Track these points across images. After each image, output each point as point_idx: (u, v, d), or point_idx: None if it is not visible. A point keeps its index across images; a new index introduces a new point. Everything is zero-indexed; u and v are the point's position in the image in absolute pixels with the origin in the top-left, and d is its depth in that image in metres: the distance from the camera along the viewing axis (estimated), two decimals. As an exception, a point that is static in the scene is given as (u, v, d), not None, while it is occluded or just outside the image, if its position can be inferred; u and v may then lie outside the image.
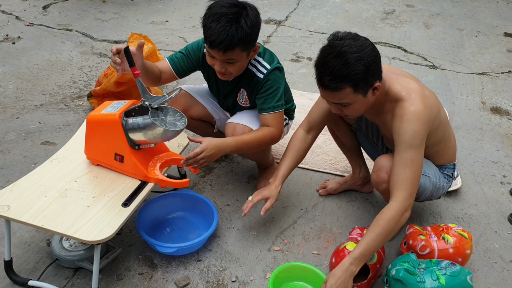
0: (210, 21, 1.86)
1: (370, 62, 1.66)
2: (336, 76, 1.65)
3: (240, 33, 1.84)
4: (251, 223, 2.22)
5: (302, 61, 3.90)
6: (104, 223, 1.68)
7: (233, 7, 1.87)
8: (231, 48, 1.86)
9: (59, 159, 1.99)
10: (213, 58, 1.94)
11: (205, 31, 1.89)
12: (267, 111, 2.08)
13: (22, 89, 3.17)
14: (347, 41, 1.68)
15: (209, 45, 1.88)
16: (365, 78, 1.67)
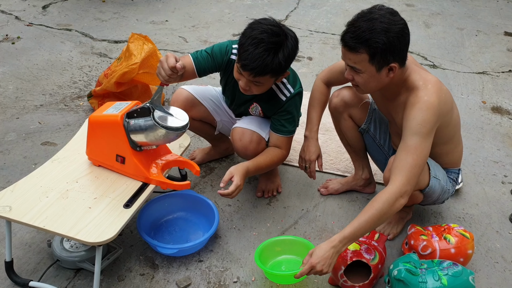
0: (248, 44, 1.84)
1: (395, 39, 1.66)
2: (358, 36, 1.69)
3: (274, 64, 1.85)
4: (252, 223, 2.22)
5: (302, 60, 3.90)
6: (106, 224, 1.68)
7: (275, 36, 1.84)
8: (262, 74, 1.88)
9: (60, 160, 1.99)
10: (240, 74, 1.94)
11: (241, 51, 1.87)
12: (283, 134, 2.14)
13: (22, 89, 3.17)
14: (384, 11, 1.71)
15: (241, 66, 1.88)
16: (384, 52, 1.67)
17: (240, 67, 1.90)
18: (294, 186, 2.47)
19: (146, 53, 2.56)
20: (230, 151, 2.64)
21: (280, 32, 1.87)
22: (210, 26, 4.47)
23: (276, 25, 1.88)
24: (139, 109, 1.79)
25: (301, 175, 2.54)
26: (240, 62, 1.88)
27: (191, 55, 2.07)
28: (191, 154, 2.60)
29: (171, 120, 1.85)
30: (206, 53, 2.08)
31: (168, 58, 1.78)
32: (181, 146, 2.15)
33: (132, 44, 2.64)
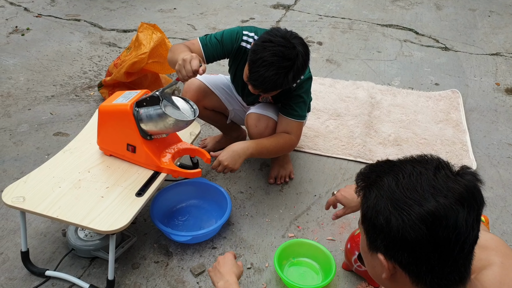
0: (259, 65, 1.80)
1: None
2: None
3: (284, 84, 1.86)
4: (264, 210, 2.22)
5: (312, 45, 3.86)
6: (118, 213, 1.69)
7: (286, 60, 1.80)
8: (271, 91, 1.90)
9: (71, 150, 1.99)
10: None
11: (252, 70, 1.84)
12: (293, 117, 2.10)
13: (33, 81, 3.18)
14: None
15: (251, 84, 1.88)
16: None
17: (250, 84, 1.90)
18: (306, 172, 2.46)
19: (155, 42, 2.55)
20: (241, 138, 2.63)
21: (291, 55, 1.80)
22: (218, 13, 4.44)
23: (288, 46, 1.80)
24: (148, 98, 1.79)
25: (313, 161, 2.53)
26: (250, 82, 1.88)
27: (200, 40, 2.05)
28: (202, 142, 2.59)
29: (180, 109, 1.85)
30: (216, 39, 2.06)
31: (192, 60, 1.73)
32: (192, 134, 2.15)
33: (141, 34, 2.63)
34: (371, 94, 3.11)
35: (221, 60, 2.12)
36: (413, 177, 0.88)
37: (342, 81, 3.28)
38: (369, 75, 3.42)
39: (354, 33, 4.11)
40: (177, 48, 1.97)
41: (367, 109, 2.95)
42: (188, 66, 1.72)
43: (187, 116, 1.83)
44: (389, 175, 0.91)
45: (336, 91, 3.14)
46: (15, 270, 1.89)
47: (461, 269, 0.91)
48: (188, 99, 1.89)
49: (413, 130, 2.78)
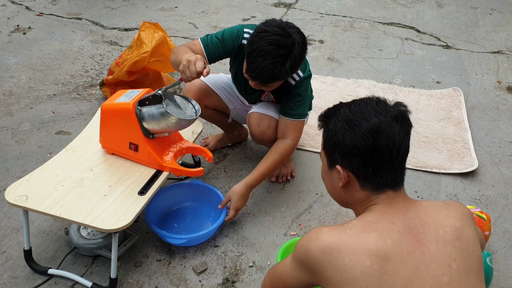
0: (255, 55, 1.80)
1: None
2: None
3: (282, 74, 1.85)
4: (266, 208, 2.22)
5: (313, 44, 3.86)
6: (121, 212, 1.69)
7: (282, 48, 1.79)
8: (270, 82, 1.88)
9: (74, 149, 2.00)
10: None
11: (249, 61, 1.84)
12: (292, 117, 2.08)
13: (34, 79, 3.18)
14: None
15: (250, 77, 1.88)
16: None
17: (248, 77, 1.90)
18: (308, 171, 2.46)
19: (156, 41, 2.55)
20: (243, 137, 2.63)
21: (287, 43, 1.80)
22: (219, 12, 4.44)
23: (283, 34, 1.80)
24: (151, 97, 1.79)
25: (315, 159, 2.54)
26: (248, 73, 1.87)
27: (201, 40, 2.05)
28: (204, 141, 2.60)
29: (182, 107, 1.85)
30: (217, 38, 2.06)
31: (197, 62, 1.74)
32: (194, 133, 2.15)
33: (143, 33, 2.64)
34: (372, 92, 3.11)
35: (223, 59, 2.12)
36: (361, 105, 1.20)
37: (344, 79, 3.28)
38: (371, 74, 3.42)
39: (356, 32, 4.11)
40: (179, 49, 1.97)
41: (369, 107, 2.95)
42: (193, 68, 1.73)
43: (189, 115, 1.84)
44: (343, 107, 1.23)
45: (337, 89, 3.15)
46: (18, 268, 1.89)
47: (397, 173, 1.19)
48: (190, 98, 1.89)
49: (415, 128, 2.76)
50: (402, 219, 1.14)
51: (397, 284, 1.06)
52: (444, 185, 2.38)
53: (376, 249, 1.07)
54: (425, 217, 1.15)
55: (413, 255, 1.09)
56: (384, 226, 1.12)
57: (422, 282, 1.07)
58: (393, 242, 1.09)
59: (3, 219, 2.10)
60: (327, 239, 1.11)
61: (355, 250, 1.08)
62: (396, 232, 1.11)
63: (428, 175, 2.45)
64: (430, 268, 1.07)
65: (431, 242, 1.11)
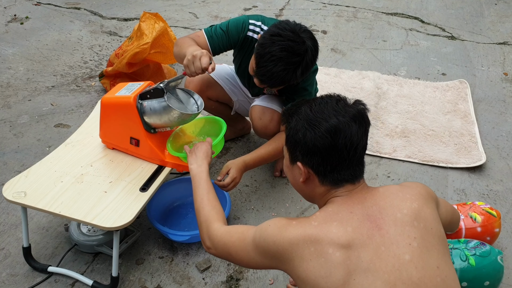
0: (266, 59, 1.72)
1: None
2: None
3: (292, 80, 1.79)
4: (270, 204, 2.17)
5: (316, 34, 3.79)
6: (122, 209, 1.64)
7: (295, 56, 1.72)
8: (278, 87, 1.84)
9: (73, 143, 1.95)
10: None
11: (259, 64, 1.76)
12: None
13: (32, 71, 3.12)
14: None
15: (258, 80, 1.81)
16: None
17: (257, 80, 1.83)
18: (312, 165, 2.41)
19: (157, 32, 2.49)
20: (246, 130, 2.58)
21: (300, 50, 1.72)
22: (220, 1, 4.36)
23: (297, 40, 1.71)
24: (152, 90, 1.73)
25: (319, 153, 2.48)
26: (257, 76, 1.80)
27: (205, 32, 1.99)
28: (206, 134, 2.54)
29: (184, 102, 1.80)
30: (221, 30, 1.99)
31: (202, 57, 1.67)
32: (196, 127, 2.10)
33: (144, 23, 2.57)
34: (377, 84, 3.05)
35: (228, 51, 2.06)
36: (322, 105, 1.22)
37: (348, 71, 3.22)
38: (375, 65, 3.36)
39: (359, 22, 4.03)
40: (183, 41, 1.91)
41: (374, 100, 2.89)
42: (198, 63, 1.67)
43: (191, 110, 1.78)
44: (305, 105, 1.25)
45: (341, 81, 3.09)
46: (17, 266, 1.85)
47: (355, 168, 1.24)
48: (192, 92, 1.84)
49: (421, 121, 2.73)
50: (360, 208, 1.20)
51: (359, 267, 1.12)
52: (452, 180, 2.33)
53: (338, 237, 1.14)
54: (382, 203, 1.21)
55: (373, 239, 1.15)
56: (344, 216, 1.19)
57: (384, 262, 1.12)
58: (353, 229, 1.16)
59: (2, 215, 2.05)
60: (295, 232, 1.18)
61: (319, 240, 1.15)
62: (355, 220, 1.17)
63: (435, 169, 2.41)
64: (391, 249, 1.13)
65: (389, 225, 1.17)
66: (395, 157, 2.46)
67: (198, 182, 1.56)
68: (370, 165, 2.41)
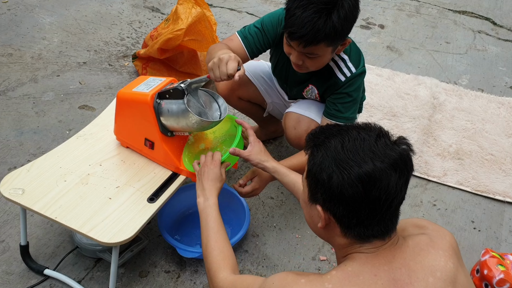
0: (295, 7, 1.49)
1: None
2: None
3: (328, 28, 1.49)
4: (295, 223, 1.95)
5: (372, 28, 3.47)
6: (124, 221, 1.46)
7: (328, 2, 1.48)
8: (314, 43, 1.52)
9: (86, 136, 1.78)
10: (290, 46, 1.61)
11: (287, 16, 1.53)
12: (338, 120, 1.76)
13: (66, 43, 2.98)
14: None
15: (289, 35, 1.55)
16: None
17: (287, 37, 1.57)
18: (348, 181, 2.16)
19: (193, 18, 2.25)
20: (278, 133, 2.35)
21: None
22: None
23: None
24: (172, 90, 1.52)
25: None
26: (287, 29, 1.54)
27: (238, 34, 1.77)
28: (235, 133, 2.33)
29: (207, 106, 1.58)
30: (256, 28, 1.77)
31: (230, 62, 1.45)
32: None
33: (181, 6, 2.34)
34: (434, 93, 2.73)
35: (267, 51, 1.83)
36: (357, 142, 0.99)
37: (403, 74, 2.90)
38: (434, 70, 3.02)
39: (422, 18, 3.66)
40: (214, 47, 1.70)
41: (428, 111, 2.58)
42: (224, 68, 1.44)
43: (213, 117, 1.57)
44: (336, 137, 1.01)
45: (394, 85, 2.78)
46: (14, 263, 1.72)
47: (388, 223, 1.01)
48: (217, 95, 1.61)
49: (479, 142, 2.40)
50: (387, 270, 1.00)
51: None
52: (508, 218, 2.03)
53: None
54: (412, 263, 1.01)
55: None
56: (366, 279, 0.98)
57: None
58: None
59: (7, 203, 1.92)
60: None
61: None
62: (379, 285, 0.98)
63: (489, 202, 2.10)
64: None
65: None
66: (444, 182, 2.17)
67: (205, 220, 1.38)
68: (414, 189, 2.13)
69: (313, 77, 1.80)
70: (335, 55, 1.72)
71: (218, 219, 1.38)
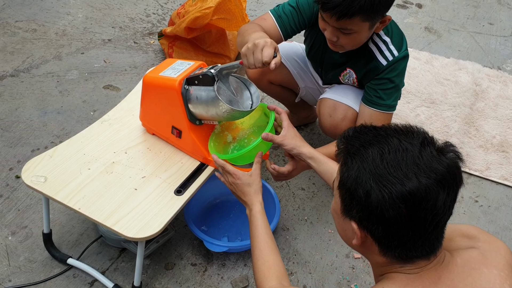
0: None
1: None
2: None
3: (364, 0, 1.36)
4: (327, 217, 1.85)
5: (410, 7, 3.28)
6: (150, 215, 1.39)
7: None
8: (348, 15, 1.39)
9: (111, 121, 1.69)
10: (324, 21, 1.49)
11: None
12: (380, 108, 1.64)
13: (91, 19, 2.89)
14: None
15: (322, 7, 1.43)
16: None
17: (320, 9, 1.45)
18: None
19: (217, 0, 2.13)
20: (310, 119, 2.23)
21: None
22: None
23: None
24: (201, 76, 1.42)
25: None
26: (320, 0, 1.42)
27: (271, 13, 1.65)
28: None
29: (238, 93, 1.48)
30: (290, 6, 1.64)
31: (265, 48, 1.32)
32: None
33: (211, -18, 2.22)
34: (475, 79, 2.56)
35: (302, 31, 1.70)
36: (398, 153, 0.85)
37: (442, 57, 2.74)
38: (476, 53, 2.84)
39: (462, -4, 3.46)
40: (246, 28, 1.58)
41: (469, 99, 2.43)
42: (258, 54, 1.32)
43: (244, 106, 1.46)
44: (374, 147, 0.88)
45: (433, 69, 2.62)
46: (37, 250, 1.67)
47: (433, 242, 0.90)
48: (249, 82, 1.50)
49: (524, 133, 2.25)
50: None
51: None
52: (556, 217, 1.89)
53: None
54: (461, 286, 0.89)
55: None
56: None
57: None
58: None
59: (30, 187, 1.86)
60: None
61: None
62: None
63: (535, 199, 1.97)
64: None
65: None
66: (487, 176, 2.04)
67: (250, 229, 1.33)
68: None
69: (352, 60, 1.68)
70: (375, 36, 1.59)
71: (263, 227, 1.29)
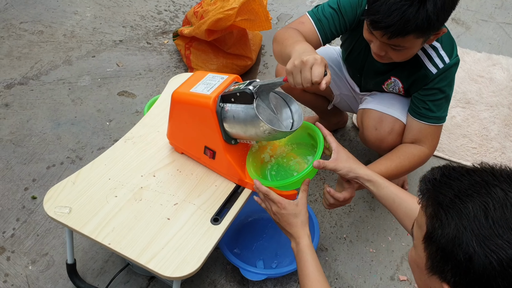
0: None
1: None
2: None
3: (420, 19, 1.22)
4: (367, 235, 1.73)
5: None
6: (187, 249, 1.26)
7: None
8: (401, 35, 1.25)
9: (135, 139, 1.56)
10: (371, 34, 1.35)
11: (371, 1, 1.27)
12: (429, 121, 1.50)
13: (100, 18, 2.73)
14: None
15: (371, 23, 1.29)
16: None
17: (369, 25, 1.31)
18: (422, 182, 1.92)
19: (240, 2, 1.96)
20: (340, 125, 2.10)
21: None
22: None
23: None
24: (239, 93, 1.28)
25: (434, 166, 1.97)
26: (369, 17, 1.28)
27: (310, 16, 1.50)
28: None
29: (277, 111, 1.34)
30: (331, 8, 1.49)
31: (315, 66, 1.17)
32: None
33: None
34: (511, 75, 2.42)
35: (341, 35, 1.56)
36: (506, 210, 0.72)
37: (473, 52, 2.59)
38: (508, 46, 2.69)
39: (487, -17, 3.29)
40: (284, 35, 1.42)
41: (507, 98, 2.29)
42: (307, 74, 1.17)
43: (286, 124, 1.33)
44: (474, 200, 0.74)
45: (465, 65, 2.48)
46: (60, 281, 1.55)
47: None
48: (290, 98, 1.36)
49: None
50: None
51: None
52: None
53: None
54: None
55: None
56: None
57: None
58: None
59: (48, 209, 1.74)
60: None
61: None
62: None
63: None
64: None
65: None
66: (533, 183, 1.91)
67: (298, 265, 1.21)
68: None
69: (397, 68, 1.54)
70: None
71: (313, 264, 1.18)
